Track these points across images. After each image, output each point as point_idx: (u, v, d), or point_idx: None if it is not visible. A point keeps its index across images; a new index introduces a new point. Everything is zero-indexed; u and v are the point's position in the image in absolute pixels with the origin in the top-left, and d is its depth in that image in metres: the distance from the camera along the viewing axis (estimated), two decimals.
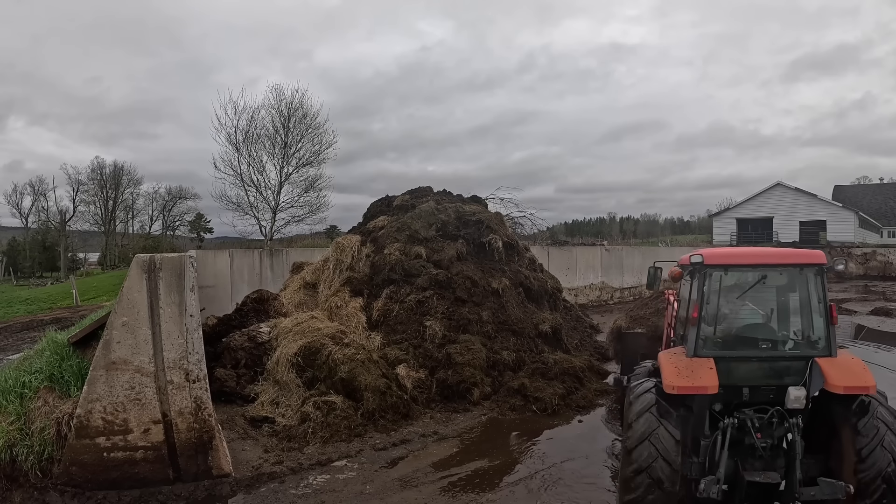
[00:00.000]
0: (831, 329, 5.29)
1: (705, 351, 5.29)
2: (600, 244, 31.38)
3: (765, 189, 52.48)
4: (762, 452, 5.02)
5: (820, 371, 5.03)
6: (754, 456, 5.05)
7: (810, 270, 5.46)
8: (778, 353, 5.40)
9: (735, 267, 5.61)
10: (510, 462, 7.29)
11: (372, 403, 8.46)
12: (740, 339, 5.53)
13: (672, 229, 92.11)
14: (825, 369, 5.01)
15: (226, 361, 9.75)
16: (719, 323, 5.54)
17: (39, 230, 58.94)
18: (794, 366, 5.23)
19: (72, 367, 7.30)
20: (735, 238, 50.94)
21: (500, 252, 12.84)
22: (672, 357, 5.44)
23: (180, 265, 6.63)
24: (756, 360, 5.28)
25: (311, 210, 34.21)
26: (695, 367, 5.09)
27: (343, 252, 12.76)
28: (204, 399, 6.61)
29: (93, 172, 57.75)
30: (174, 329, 6.53)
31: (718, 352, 5.31)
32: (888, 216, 58.83)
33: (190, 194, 60.79)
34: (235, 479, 6.59)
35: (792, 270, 5.60)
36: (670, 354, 5.56)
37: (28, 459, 6.20)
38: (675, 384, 4.97)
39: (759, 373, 5.26)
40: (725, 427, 5.05)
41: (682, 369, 5.09)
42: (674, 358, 5.38)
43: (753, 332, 5.58)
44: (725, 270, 5.54)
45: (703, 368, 5.06)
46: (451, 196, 15.25)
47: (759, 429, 5.06)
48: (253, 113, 32.16)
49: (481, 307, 11.29)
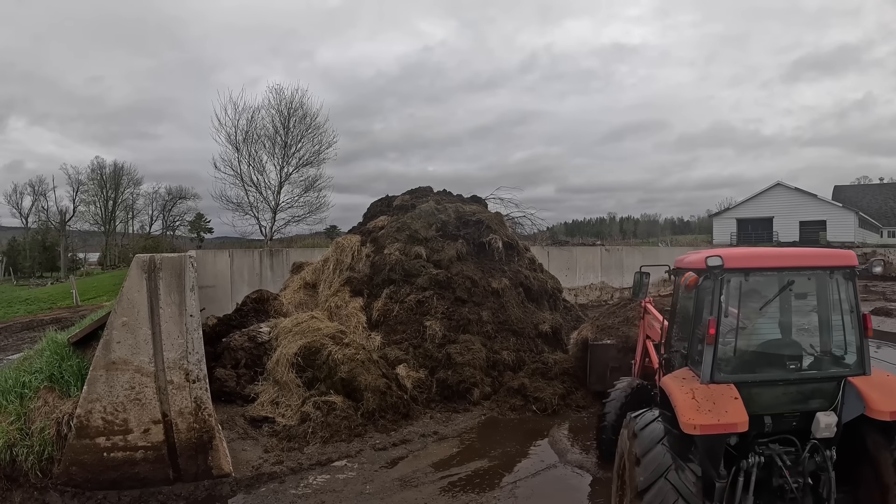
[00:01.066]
0: (865, 343, 4.58)
1: (724, 375, 4.44)
2: (600, 244, 31.39)
3: (765, 189, 52.51)
4: (793, 494, 4.22)
5: (857, 393, 4.28)
6: (783, 498, 4.29)
7: (840, 273, 4.67)
8: (807, 373, 4.56)
9: (759, 271, 4.71)
10: (510, 462, 7.29)
11: (372, 403, 8.46)
12: (763, 359, 4.66)
13: (672, 229, 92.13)
14: (864, 391, 4.27)
15: (226, 361, 9.75)
16: (739, 340, 4.66)
17: (39, 230, 58.90)
18: (824, 387, 4.46)
19: (72, 367, 7.31)
20: (735, 238, 50.95)
21: (500, 252, 12.84)
22: (683, 384, 4.53)
23: (180, 265, 6.64)
24: (782, 384, 4.48)
25: (311, 210, 34.26)
26: (716, 397, 4.22)
27: (343, 252, 12.76)
28: (204, 399, 6.61)
29: (93, 172, 57.80)
30: (174, 329, 6.53)
31: (739, 375, 4.48)
32: (888, 216, 58.80)
33: (190, 194, 60.82)
34: (235, 479, 6.59)
35: (820, 274, 4.73)
36: (679, 381, 4.62)
37: (28, 459, 6.20)
38: (698, 422, 4.06)
39: (785, 398, 4.47)
40: (750, 468, 4.27)
41: (701, 401, 4.21)
42: (685, 385, 4.49)
43: (778, 349, 4.72)
44: (747, 275, 4.64)
45: (727, 399, 4.19)
46: (451, 196, 15.25)
47: (789, 466, 4.28)
48: (253, 113, 32.22)
49: (481, 307, 11.30)
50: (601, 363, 9.22)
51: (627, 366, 7.99)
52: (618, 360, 8.87)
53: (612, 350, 9.16)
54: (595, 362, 9.36)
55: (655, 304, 7.45)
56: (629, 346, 8.65)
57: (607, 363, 9.05)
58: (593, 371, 9.38)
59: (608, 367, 8.98)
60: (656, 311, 6.86)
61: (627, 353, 8.50)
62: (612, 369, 8.84)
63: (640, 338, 7.35)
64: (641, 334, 7.33)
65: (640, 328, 7.40)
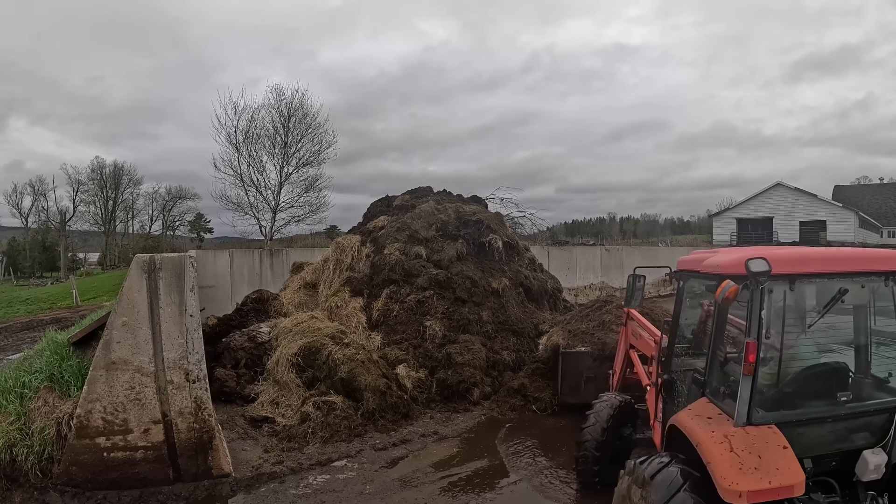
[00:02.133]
0: None
1: (765, 414, 3.58)
2: (600, 245, 31.37)
3: (765, 189, 52.56)
4: None
5: None
6: None
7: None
8: (860, 405, 3.75)
9: (809, 277, 3.77)
10: (510, 462, 7.28)
11: (372, 403, 8.46)
12: (808, 390, 3.78)
13: (672, 229, 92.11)
14: None
15: (226, 361, 9.75)
16: (784, 366, 3.74)
17: (39, 230, 58.90)
18: (873, 421, 3.71)
19: (72, 367, 7.31)
20: (735, 238, 50.99)
21: (500, 252, 12.84)
22: (711, 428, 3.60)
23: (180, 265, 6.63)
24: (831, 421, 3.67)
25: (311, 210, 34.22)
26: (760, 447, 3.37)
27: (343, 252, 12.77)
28: (204, 399, 6.61)
29: (93, 172, 57.80)
30: (174, 329, 6.53)
31: (782, 413, 3.61)
32: (888, 216, 58.81)
33: (190, 194, 60.78)
34: (235, 479, 6.59)
35: (875, 280, 3.88)
36: (704, 423, 3.70)
37: (28, 459, 6.20)
38: (744, 486, 3.21)
39: (831, 436, 3.68)
40: None
41: (743, 455, 3.34)
42: (715, 430, 3.56)
43: (826, 377, 3.84)
44: (792, 283, 3.68)
45: (775, 450, 3.37)
46: (451, 196, 15.25)
47: None
48: (253, 113, 32.16)
49: (481, 307, 11.29)
50: (575, 372, 8.47)
51: (604, 376, 7.48)
52: (593, 369, 8.22)
53: (586, 358, 8.44)
54: (568, 371, 8.56)
55: (645, 310, 6.98)
56: (606, 355, 8.03)
57: (581, 372, 8.36)
58: (566, 381, 8.59)
59: (583, 376, 8.34)
60: (643, 319, 6.23)
61: (604, 363, 7.88)
62: (586, 379, 8.28)
63: (622, 347, 6.69)
64: (623, 343, 6.65)
65: (622, 336, 6.73)
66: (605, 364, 7.73)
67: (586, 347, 8.64)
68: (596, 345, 8.59)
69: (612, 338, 8.23)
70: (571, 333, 9.26)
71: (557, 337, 9.37)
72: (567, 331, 9.45)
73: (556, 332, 9.71)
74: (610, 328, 8.82)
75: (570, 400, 8.39)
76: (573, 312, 10.71)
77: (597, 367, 8.15)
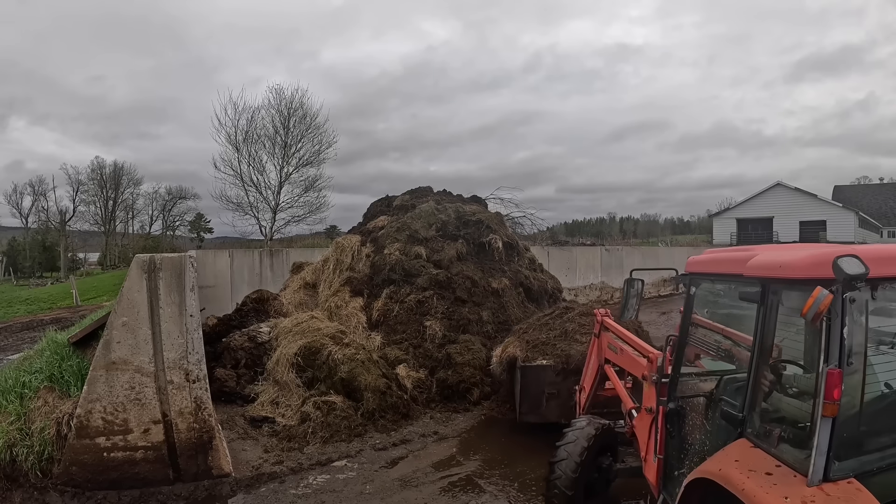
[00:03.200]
0: None
1: (844, 466, 2.75)
2: (599, 245, 31.38)
3: (765, 189, 52.61)
4: None
5: None
6: None
7: None
8: None
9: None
10: (510, 462, 7.28)
11: (372, 403, 8.47)
12: (886, 425, 3.04)
13: (672, 229, 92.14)
14: None
15: (226, 361, 9.75)
16: (865, 403, 2.89)
17: (39, 230, 58.92)
18: None
19: (72, 367, 7.31)
20: (735, 238, 51.03)
21: (500, 252, 12.84)
22: (779, 490, 2.76)
23: (180, 265, 6.63)
24: None
25: (311, 210, 34.31)
26: None
27: (343, 252, 12.77)
28: (204, 399, 6.61)
29: (93, 172, 57.87)
30: (174, 329, 6.53)
31: (862, 460, 2.83)
32: (888, 216, 58.82)
33: (190, 194, 60.85)
34: (235, 479, 6.59)
35: None
36: (765, 482, 2.83)
37: (28, 459, 6.20)
38: None
39: None
40: None
41: None
42: (791, 495, 2.71)
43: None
44: (875, 288, 2.85)
45: None
46: (451, 196, 15.25)
47: None
48: (253, 113, 32.27)
49: (481, 307, 11.29)
50: (535, 389, 7.63)
51: (568, 392, 6.99)
52: (556, 384, 7.45)
53: (548, 373, 7.58)
54: (528, 388, 7.72)
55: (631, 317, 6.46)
56: (571, 369, 7.34)
57: (543, 389, 7.54)
58: (526, 399, 7.72)
59: (544, 393, 7.55)
60: (625, 330, 5.47)
61: (568, 377, 7.30)
62: (549, 396, 7.52)
63: (592, 361, 6.02)
64: (594, 356, 5.98)
65: (592, 348, 6.07)
66: (570, 379, 7.11)
67: (548, 360, 7.72)
68: (559, 357, 7.68)
69: (577, 349, 7.56)
70: (530, 344, 8.24)
71: (514, 349, 8.31)
72: (524, 341, 8.40)
73: (511, 343, 8.56)
74: (574, 338, 8.00)
75: (531, 419, 7.73)
76: (530, 320, 9.46)
77: (560, 382, 7.41)
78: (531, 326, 8.93)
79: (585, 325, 8.12)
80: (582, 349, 7.32)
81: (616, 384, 5.37)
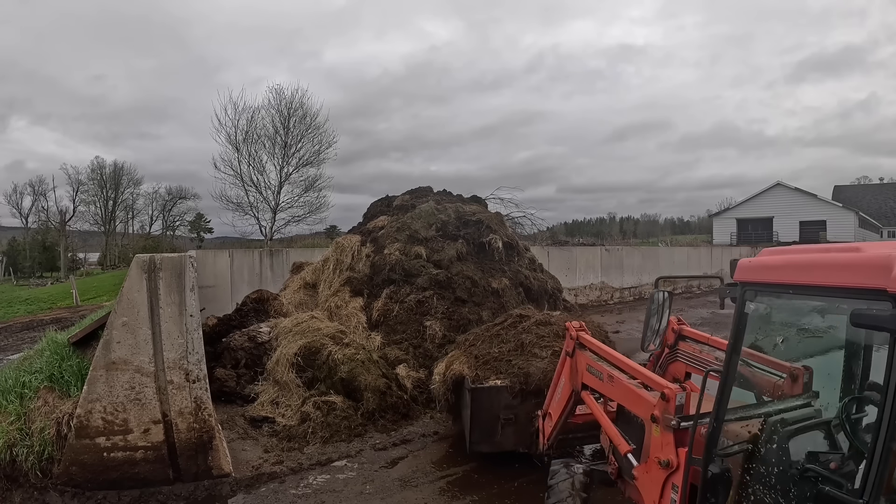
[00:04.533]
0: None
1: None
2: (599, 245, 31.39)
3: (765, 189, 52.72)
4: None
5: None
6: None
7: None
8: None
9: None
10: (510, 461, 7.28)
11: (372, 403, 8.47)
12: None
13: (672, 229, 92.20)
14: None
15: (226, 361, 9.75)
16: None
17: (39, 230, 58.90)
18: None
19: (72, 367, 7.31)
20: (735, 238, 51.09)
21: (500, 252, 12.84)
22: None
23: (180, 265, 6.63)
24: None
25: (311, 210, 34.34)
26: None
27: (343, 252, 12.77)
28: (204, 399, 6.61)
29: (93, 172, 57.92)
30: (174, 329, 6.53)
31: None
32: (888, 216, 58.84)
33: (190, 194, 60.90)
34: (235, 479, 6.59)
35: None
36: None
37: (28, 459, 6.20)
38: None
39: None
40: None
41: None
42: None
43: None
44: None
45: None
46: (451, 196, 15.26)
47: None
48: (253, 113, 32.27)
49: (481, 307, 11.29)
50: (488, 414, 6.46)
51: (526, 416, 6.08)
52: (513, 408, 6.36)
53: (503, 395, 6.42)
54: (479, 413, 6.50)
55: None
56: (531, 390, 6.27)
57: (497, 414, 6.41)
58: (477, 426, 6.54)
59: (499, 419, 6.44)
60: (608, 349, 4.34)
61: (527, 399, 6.24)
62: (504, 422, 6.44)
63: (563, 385, 4.86)
64: (565, 379, 4.82)
65: (562, 368, 4.86)
66: (529, 401, 6.13)
67: (503, 381, 6.52)
68: (516, 376, 6.50)
69: (537, 366, 6.49)
70: (479, 360, 6.97)
71: (460, 365, 7.04)
72: (472, 356, 7.09)
73: (456, 358, 7.27)
74: (532, 352, 6.82)
75: (484, 448, 6.74)
76: (477, 330, 8.10)
77: (518, 405, 6.34)
78: (479, 338, 7.60)
79: (544, 336, 7.10)
80: (543, 366, 6.41)
81: (602, 419, 4.23)
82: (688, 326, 4.78)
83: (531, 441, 5.73)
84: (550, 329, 7.24)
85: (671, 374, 4.63)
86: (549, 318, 7.60)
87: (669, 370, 4.75)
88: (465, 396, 6.88)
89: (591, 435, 5.16)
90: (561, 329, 6.53)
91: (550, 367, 5.91)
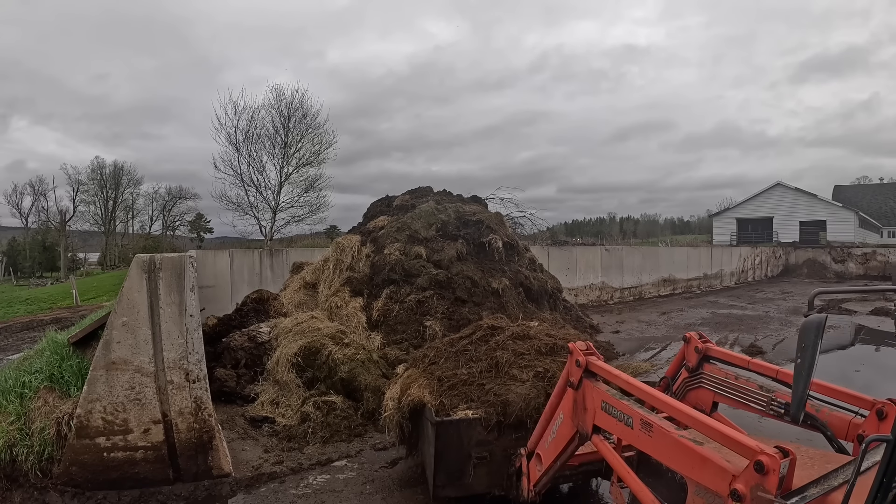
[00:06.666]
0: None
1: None
2: (599, 245, 31.38)
3: (765, 189, 52.74)
4: None
5: None
6: None
7: None
8: None
9: None
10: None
11: (372, 403, 8.46)
12: None
13: (672, 229, 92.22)
14: None
15: (226, 361, 9.75)
16: None
17: (39, 230, 58.95)
18: None
19: (72, 367, 7.31)
20: (735, 238, 51.11)
21: (500, 252, 12.85)
22: None
23: (180, 265, 6.63)
24: None
25: (311, 210, 34.41)
26: None
27: (343, 252, 12.77)
28: (204, 399, 6.61)
29: (93, 172, 58.02)
30: (174, 329, 6.53)
31: None
32: (888, 216, 58.88)
33: (190, 194, 61.02)
34: (235, 479, 6.59)
35: None
36: None
37: (28, 459, 6.19)
38: None
39: None
40: None
41: None
42: None
43: None
44: None
45: None
46: (451, 196, 15.27)
47: None
48: (253, 113, 32.33)
49: (481, 307, 11.30)
50: (457, 453, 5.08)
51: (503, 453, 5.01)
52: (487, 445, 5.05)
53: (476, 429, 5.03)
54: (446, 451, 5.08)
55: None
56: (510, 423, 5.02)
57: (469, 452, 5.06)
58: (443, 467, 5.13)
59: (470, 458, 5.08)
60: (640, 384, 3.33)
61: (504, 433, 5.02)
62: (477, 462, 5.08)
63: (563, 424, 3.94)
64: (565, 417, 3.90)
65: (558, 401, 4.03)
66: (507, 436, 4.98)
67: (475, 411, 5.10)
68: (491, 406, 5.11)
69: (518, 392, 5.15)
70: (444, 383, 5.52)
71: (420, 389, 5.55)
72: (434, 378, 5.64)
73: (414, 380, 5.80)
74: (509, 374, 5.46)
75: (451, 493, 5.27)
76: (438, 344, 6.62)
77: (493, 441, 5.05)
78: (441, 354, 6.12)
79: (523, 353, 5.75)
80: (524, 391, 5.12)
81: (629, 478, 3.22)
82: (714, 345, 4.04)
83: (510, 483, 4.91)
84: (530, 344, 5.88)
85: (692, 403, 3.87)
86: (528, 331, 6.17)
87: (689, 398, 4.00)
88: (426, 429, 5.39)
89: (580, 472, 4.58)
90: (543, 345, 5.65)
91: (533, 394, 5.03)
